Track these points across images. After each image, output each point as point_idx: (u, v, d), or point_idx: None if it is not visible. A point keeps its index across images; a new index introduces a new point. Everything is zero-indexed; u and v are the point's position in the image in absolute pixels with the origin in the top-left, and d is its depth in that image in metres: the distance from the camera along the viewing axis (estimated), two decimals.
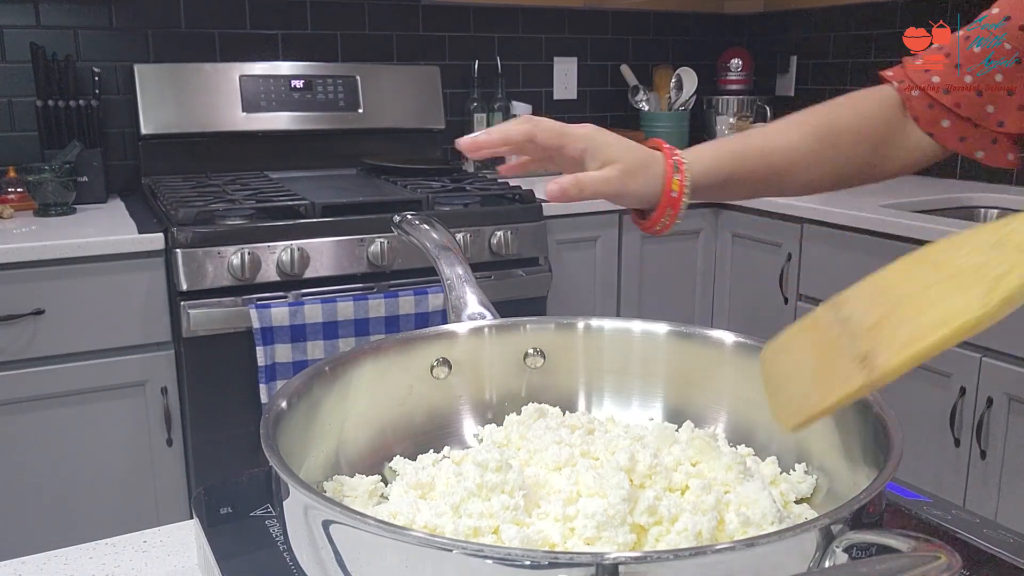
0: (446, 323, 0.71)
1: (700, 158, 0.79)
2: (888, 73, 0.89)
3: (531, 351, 0.70)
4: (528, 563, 0.39)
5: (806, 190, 0.88)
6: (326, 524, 0.44)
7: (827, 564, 0.41)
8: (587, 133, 0.73)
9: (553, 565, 0.39)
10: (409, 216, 0.76)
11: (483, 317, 0.70)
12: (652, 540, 0.49)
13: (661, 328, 0.70)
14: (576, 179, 0.71)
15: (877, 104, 0.88)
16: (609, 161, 0.73)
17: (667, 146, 0.78)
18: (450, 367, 0.68)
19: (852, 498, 0.43)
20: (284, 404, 0.56)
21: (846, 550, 0.41)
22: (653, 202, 0.76)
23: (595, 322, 0.70)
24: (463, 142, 0.72)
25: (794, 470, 0.60)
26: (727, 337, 0.67)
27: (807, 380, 0.46)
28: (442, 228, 0.74)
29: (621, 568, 0.38)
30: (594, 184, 0.72)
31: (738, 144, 0.84)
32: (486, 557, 0.39)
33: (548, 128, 0.72)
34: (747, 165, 0.83)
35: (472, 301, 0.71)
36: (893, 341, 0.43)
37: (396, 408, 0.67)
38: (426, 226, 0.73)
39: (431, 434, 0.68)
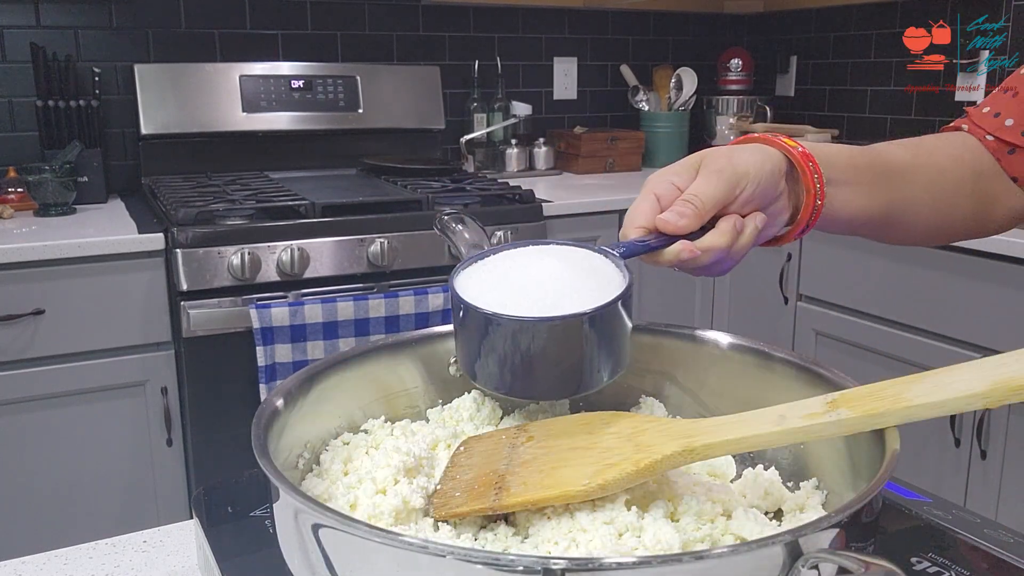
0: (448, 323, 0.70)
1: (820, 146, 0.68)
2: (952, 124, 0.80)
3: None
4: (520, 569, 0.39)
5: (927, 232, 0.76)
6: (315, 528, 0.44)
7: None
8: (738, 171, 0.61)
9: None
10: (445, 217, 0.75)
11: None
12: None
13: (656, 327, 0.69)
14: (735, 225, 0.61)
15: (960, 140, 0.78)
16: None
17: (775, 138, 0.65)
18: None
19: (822, 516, 0.43)
20: (280, 403, 0.56)
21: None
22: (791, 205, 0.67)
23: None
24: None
25: (800, 488, 0.59)
26: (723, 338, 0.67)
27: (463, 485, 0.54)
28: (476, 226, 0.73)
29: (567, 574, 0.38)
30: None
31: (845, 146, 0.71)
32: (476, 562, 0.39)
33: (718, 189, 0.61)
34: (866, 169, 0.70)
35: None
36: (522, 483, 0.52)
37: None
38: (460, 226, 0.73)
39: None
